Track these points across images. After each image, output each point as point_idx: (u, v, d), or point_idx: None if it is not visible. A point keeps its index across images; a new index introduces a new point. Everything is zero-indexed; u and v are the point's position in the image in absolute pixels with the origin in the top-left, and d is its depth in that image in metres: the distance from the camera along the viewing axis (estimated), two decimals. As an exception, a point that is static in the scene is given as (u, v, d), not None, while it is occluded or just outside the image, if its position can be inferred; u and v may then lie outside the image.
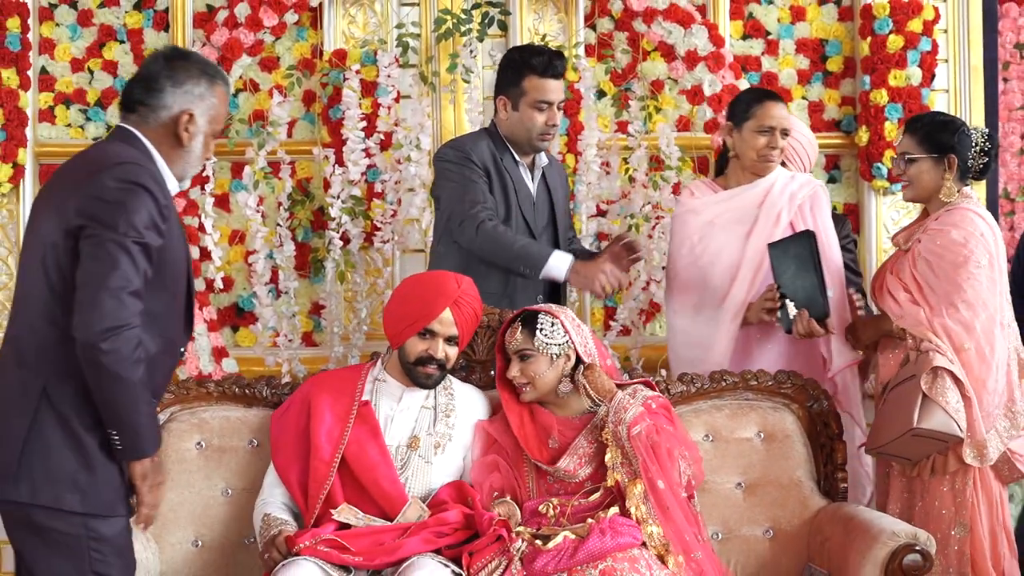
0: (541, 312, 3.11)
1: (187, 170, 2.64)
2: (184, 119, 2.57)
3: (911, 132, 3.42)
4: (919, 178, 3.39)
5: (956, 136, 3.35)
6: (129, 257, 2.39)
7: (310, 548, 2.80)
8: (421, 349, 3.07)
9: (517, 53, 3.73)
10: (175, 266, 2.57)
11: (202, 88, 2.59)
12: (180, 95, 2.57)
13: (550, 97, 3.61)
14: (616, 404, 3.01)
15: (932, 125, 3.41)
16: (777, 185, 3.61)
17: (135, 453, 2.49)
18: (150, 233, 2.43)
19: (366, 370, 3.19)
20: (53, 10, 4.53)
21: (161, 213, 2.46)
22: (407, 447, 3.07)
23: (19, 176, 4.43)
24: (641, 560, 2.77)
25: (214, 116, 2.62)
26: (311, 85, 4.51)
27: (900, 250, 3.47)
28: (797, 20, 4.69)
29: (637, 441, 2.91)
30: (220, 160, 4.45)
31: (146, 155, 2.54)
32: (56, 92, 4.54)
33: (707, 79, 4.45)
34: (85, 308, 2.37)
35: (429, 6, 4.53)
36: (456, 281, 3.12)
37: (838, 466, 3.29)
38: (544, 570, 2.76)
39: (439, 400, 3.15)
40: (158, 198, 2.46)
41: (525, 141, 3.67)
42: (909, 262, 3.38)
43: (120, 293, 2.37)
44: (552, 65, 3.61)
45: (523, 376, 3.07)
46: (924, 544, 2.97)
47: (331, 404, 3.08)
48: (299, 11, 4.46)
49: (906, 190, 3.47)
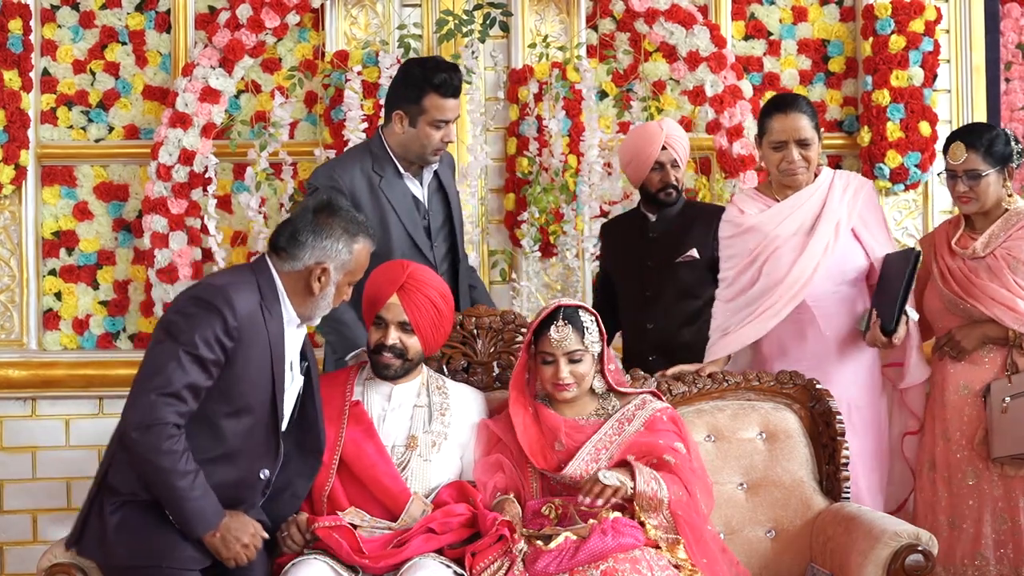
0: (580, 309, 3.09)
1: (315, 313, 2.88)
2: (317, 271, 2.81)
3: (974, 148, 3.46)
4: (987, 191, 3.48)
5: (1009, 145, 3.48)
6: (177, 364, 2.64)
7: (326, 530, 2.82)
8: (375, 338, 3.09)
9: (418, 69, 3.61)
10: (250, 392, 2.76)
11: (340, 245, 2.82)
12: (318, 250, 2.81)
13: (449, 116, 3.58)
14: (624, 414, 3.05)
15: (991, 139, 3.49)
16: (835, 191, 3.55)
17: (188, 531, 2.70)
18: (208, 348, 2.66)
19: (354, 372, 3.20)
20: (55, 12, 4.53)
21: (228, 334, 2.68)
22: (405, 447, 3.07)
23: (21, 178, 4.44)
24: (643, 561, 2.77)
25: (350, 269, 2.86)
26: (313, 86, 4.51)
27: (969, 257, 3.51)
28: (799, 20, 4.69)
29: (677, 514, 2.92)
30: (222, 161, 4.45)
31: (268, 287, 2.79)
32: (58, 94, 4.54)
33: (709, 80, 4.44)
34: (128, 402, 2.69)
35: (431, 7, 4.53)
36: (403, 266, 3.12)
37: (840, 466, 3.29)
38: (545, 570, 2.77)
39: (433, 399, 3.15)
40: (227, 319, 2.68)
41: (417, 156, 3.62)
42: (1002, 267, 3.44)
43: (157, 393, 2.63)
44: (452, 84, 3.56)
45: (572, 377, 3.05)
46: (926, 544, 2.97)
47: (323, 409, 3.09)
48: (301, 12, 4.46)
49: (969, 204, 3.51)
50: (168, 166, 4.36)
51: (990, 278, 3.47)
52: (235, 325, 2.69)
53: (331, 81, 4.45)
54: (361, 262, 2.88)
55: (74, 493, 4.45)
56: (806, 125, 3.54)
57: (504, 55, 4.56)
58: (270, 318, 2.78)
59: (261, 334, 2.75)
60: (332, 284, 2.83)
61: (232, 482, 2.78)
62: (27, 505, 4.46)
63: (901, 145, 4.49)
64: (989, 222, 3.53)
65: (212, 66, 4.38)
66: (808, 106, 3.59)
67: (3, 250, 4.49)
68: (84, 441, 4.40)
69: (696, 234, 3.82)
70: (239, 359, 2.72)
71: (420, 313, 3.07)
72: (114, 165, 4.55)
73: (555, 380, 3.05)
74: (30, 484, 4.47)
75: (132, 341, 4.53)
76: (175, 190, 4.36)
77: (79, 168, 4.54)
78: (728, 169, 4.43)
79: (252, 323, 2.74)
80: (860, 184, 3.63)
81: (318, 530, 2.85)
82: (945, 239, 3.62)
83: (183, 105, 4.36)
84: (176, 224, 4.37)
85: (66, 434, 4.47)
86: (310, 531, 2.87)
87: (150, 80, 4.54)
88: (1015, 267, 3.45)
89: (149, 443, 2.62)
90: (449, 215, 3.77)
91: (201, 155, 4.38)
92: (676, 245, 3.83)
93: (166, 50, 4.53)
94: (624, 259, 3.95)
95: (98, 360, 4.46)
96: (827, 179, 3.60)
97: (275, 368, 2.79)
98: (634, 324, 3.93)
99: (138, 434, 2.63)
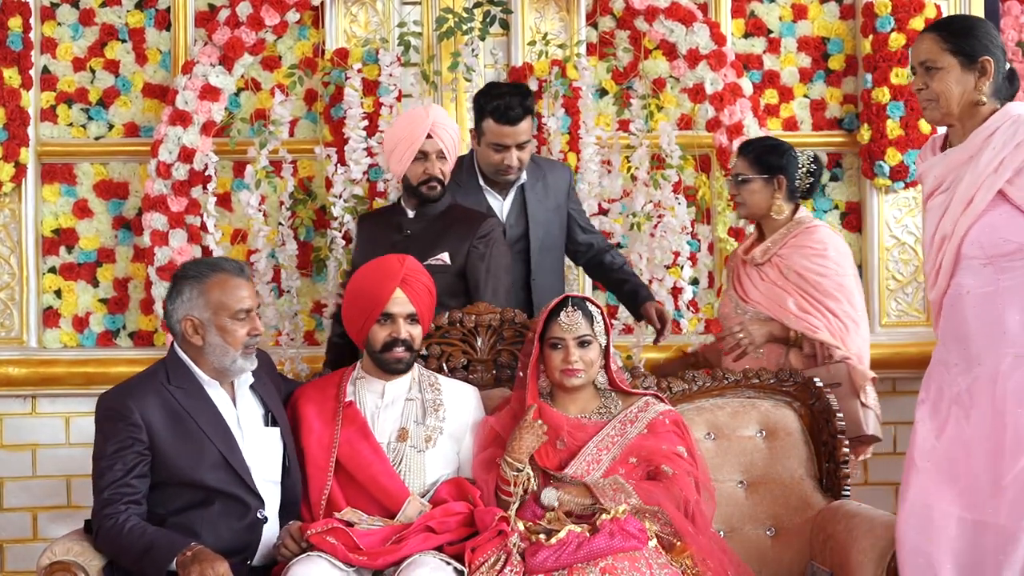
0: (587, 301, 3.14)
1: (224, 362, 2.94)
2: (188, 327, 2.93)
3: (742, 155, 3.65)
4: (751, 198, 3.62)
5: (784, 158, 3.61)
6: (107, 467, 2.86)
7: (319, 536, 2.82)
8: (384, 335, 3.09)
9: (481, 93, 3.80)
10: (178, 468, 2.87)
11: (193, 293, 2.93)
12: (180, 309, 2.95)
13: (505, 142, 3.69)
14: (627, 415, 3.06)
15: (761, 148, 3.66)
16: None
17: (162, 562, 2.76)
18: (120, 444, 2.85)
19: (346, 373, 3.20)
20: (55, 9, 4.53)
21: (135, 425, 2.86)
22: (397, 440, 3.08)
23: (21, 175, 4.44)
24: (641, 559, 2.77)
25: (216, 304, 2.92)
26: (313, 84, 4.51)
27: (749, 262, 3.65)
28: (799, 18, 4.69)
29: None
30: (222, 159, 4.45)
31: (175, 367, 2.96)
32: (58, 91, 4.54)
33: (709, 77, 4.44)
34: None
35: (431, 5, 4.53)
36: (399, 260, 3.14)
37: (840, 463, 3.29)
38: (543, 565, 2.76)
39: (425, 395, 3.15)
40: (128, 416, 2.86)
41: (491, 173, 3.81)
42: (778, 274, 3.58)
43: (99, 495, 2.86)
44: (508, 112, 3.64)
45: (582, 362, 3.07)
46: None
47: (316, 412, 3.10)
48: (301, 10, 4.46)
49: (739, 208, 3.68)
50: (168, 164, 4.35)
51: (770, 284, 3.59)
52: (136, 423, 2.85)
53: (331, 79, 4.45)
54: (227, 293, 2.93)
55: (74, 491, 4.45)
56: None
57: (504, 53, 4.56)
58: (184, 394, 2.92)
59: (175, 408, 2.90)
60: (211, 327, 2.92)
61: (237, 528, 2.89)
62: (27, 503, 4.47)
63: (901, 143, 4.49)
64: (773, 231, 3.65)
65: (212, 64, 4.38)
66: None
67: (3, 248, 4.49)
68: (84, 439, 4.39)
69: (452, 239, 3.63)
70: (161, 441, 2.87)
71: (422, 301, 3.13)
72: (114, 163, 4.55)
73: (565, 365, 3.07)
74: (30, 482, 4.47)
75: (132, 339, 4.53)
76: (175, 188, 4.36)
77: (79, 166, 4.54)
78: (728, 167, 4.43)
79: (160, 406, 2.89)
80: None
81: (311, 537, 2.83)
82: (741, 247, 3.77)
83: (183, 103, 4.36)
84: (176, 222, 4.37)
85: (66, 432, 4.48)
86: (304, 540, 2.85)
87: (150, 78, 4.54)
88: (788, 274, 3.56)
89: (105, 540, 2.82)
90: (526, 232, 3.84)
91: (201, 153, 4.38)
92: (430, 246, 3.62)
93: (166, 48, 4.53)
94: (374, 255, 3.52)
95: (98, 358, 4.46)
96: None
97: (208, 432, 2.90)
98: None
99: (97, 530, 2.85)
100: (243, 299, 2.94)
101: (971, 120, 2.81)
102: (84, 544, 2.86)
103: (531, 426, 3.00)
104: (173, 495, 2.89)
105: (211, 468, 2.89)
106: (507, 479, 2.97)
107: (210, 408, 2.94)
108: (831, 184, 4.67)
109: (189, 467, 2.88)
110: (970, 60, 2.80)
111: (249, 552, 2.91)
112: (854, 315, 3.61)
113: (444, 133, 3.63)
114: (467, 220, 3.68)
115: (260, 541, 2.93)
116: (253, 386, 3.05)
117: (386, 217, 3.82)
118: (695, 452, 3.13)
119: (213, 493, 2.89)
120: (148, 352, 4.40)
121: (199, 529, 2.84)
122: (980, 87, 2.79)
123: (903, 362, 4.46)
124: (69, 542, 2.87)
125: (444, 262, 3.62)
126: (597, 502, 2.90)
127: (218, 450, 2.90)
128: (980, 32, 2.83)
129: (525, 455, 2.99)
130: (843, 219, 4.67)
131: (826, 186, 4.66)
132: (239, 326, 2.93)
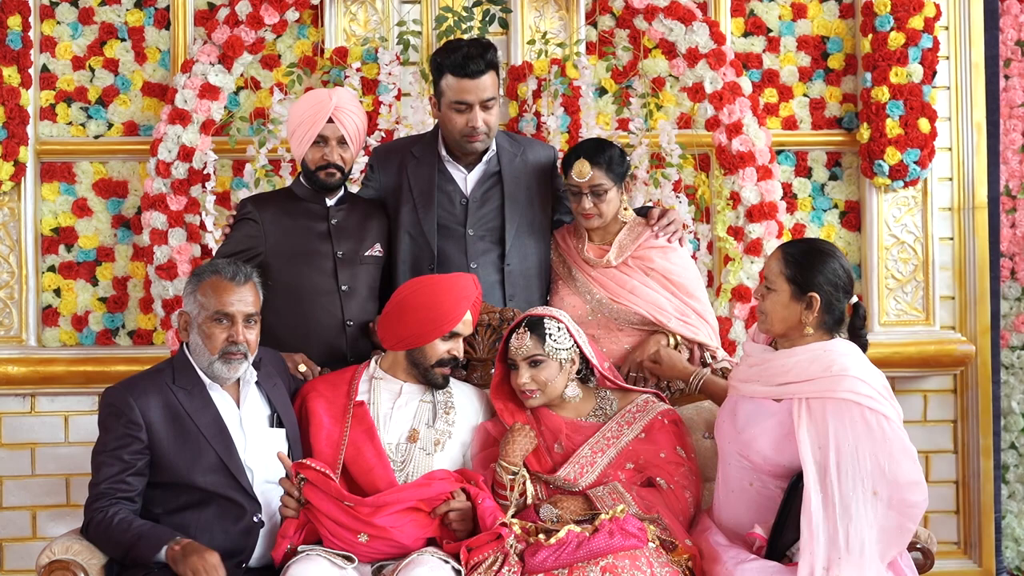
0: (546, 317, 3.11)
1: (201, 363, 2.98)
2: (181, 321, 3.03)
3: (598, 165, 3.42)
4: (610, 207, 3.47)
5: (626, 161, 3.52)
6: (103, 462, 2.90)
7: (311, 470, 2.85)
8: (444, 350, 3.11)
9: (438, 51, 3.50)
10: (175, 469, 2.90)
11: (191, 289, 3.01)
12: (184, 302, 3.05)
13: (467, 99, 3.37)
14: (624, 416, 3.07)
15: (612, 156, 3.46)
16: None
17: (149, 552, 2.81)
18: (120, 442, 2.89)
19: (359, 371, 3.19)
20: (54, 8, 4.54)
21: (134, 423, 2.90)
22: (407, 440, 3.08)
23: (20, 174, 4.44)
24: (642, 559, 2.77)
25: (202, 306, 2.97)
26: (312, 83, 4.51)
27: (603, 266, 3.51)
28: (798, 17, 4.69)
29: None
30: (221, 158, 4.45)
31: (181, 366, 3.00)
32: (57, 90, 4.54)
33: (708, 76, 4.44)
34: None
35: (430, 4, 4.53)
36: (474, 282, 3.18)
37: (839, 463, 3.29)
38: (543, 564, 2.76)
39: (438, 397, 3.15)
40: (128, 414, 2.90)
41: (453, 143, 3.51)
42: (638, 273, 3.49)
43: (94, 489, 2.91)
44: (467, 64, 3.34)
45: (533, 383, 3.07)
46: (924, 542, 2.97)
47: (327, 407, 3.09)
48: (300, 8, 4.46)
49: (592, 219, 3.48)
50: (167, 163, 4.36)
51: (633, 285, 3.50)
52: (136, 421, 2.89)
53: (330, 78, 4.45)
54: (214, 296, 2.96)
55: (73, 489, 4.45)
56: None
57: (503, 52, 4.55)
58: (186, 394, 2.95)
59: (176, 409, 2.93)
60: (194, 326, 2.98)
61: (232, 532, 2.91)
62: (26, 501, 4.47)
63: (900, 142, 4.49)
64: (610, 234, 3.55)
65: (211, 62, 4.38)
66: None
67: (2, 247, 4.49)
68: (83, 437, 4.41)
69: (375, 229, 3.52)
70: (159, 440, 2.90)
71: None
72: (113, 162, 4.55)
73: (517, 386, 3.09)
74: (29, 480, 4.47)
75: (131, 337, 4.53)
76: (174, 186, 4.36)
77: (78, 164, 4.54)
78: (727, 166, 4.43)
79: (161, 406, 2.92)
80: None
81: (303, 470, 2.86)
82: (574, 250, 3.58)
83: (182, 102, 4.36)
84: (175, 220, 4.37)
85: (65, 430, 4.48)
86: (298, 485, 2.86)
87: (149, 76, 4.54)
88: (650, 273, 3.50)
89: (94, 532, 2.87)
90: (501, 211, 3.54)
91: (200, 151, 4.38)
92: (358, 238, 3.49)
93: (165, 47, 4.53)
94: (290, 243, 3.45)
95: (97, 356, 4.46)
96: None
97: (207, 434, 2.92)
98: (323, 318, 3.46)
99: (87, 522, 2.90)
100: (228, 304, 2.95)
101: (800, 341, 2.90)
102: (83, 543, 2.87)
103: (521, 429, 3.01)
104: (169, 495, 2.90)
105: (207, 471, 2.90)
106: (503, 483, 2.98)
107: (211, 410, 2.95)
108: (830, 183, 4.67)
109: (185, 468, 2.89)
110: (801, 291, 2.88)
111: (244, 556, 2.91)
112: (706, 309, 3.55)
113: (347, 119, 3.40)
114: (378, 211, 3.56)
115: (256, 545, 2.93)
116: (260, 386, 3.05)
117: (293, 203, 3.52)
118: (694, 451, 3.13)
119: (208, 495, 2.90)
120: (147, 351, 4.41)
121: (193, 530, 2.85)
122: (804, 319, 2.88)
123: (902, 361, 4.47)
124: (68, 541, 2.88)
125: (380, 254, 3.52)
126: (597, 512, 2.91)
127: (215, 453, 2.91)
128: (821, 266, 2.89)
129: (519, 458, 2.99)
130: (842, 218, 4.67)
131: (825, 185, 4.67)
132: (218, 330, 2.94)
